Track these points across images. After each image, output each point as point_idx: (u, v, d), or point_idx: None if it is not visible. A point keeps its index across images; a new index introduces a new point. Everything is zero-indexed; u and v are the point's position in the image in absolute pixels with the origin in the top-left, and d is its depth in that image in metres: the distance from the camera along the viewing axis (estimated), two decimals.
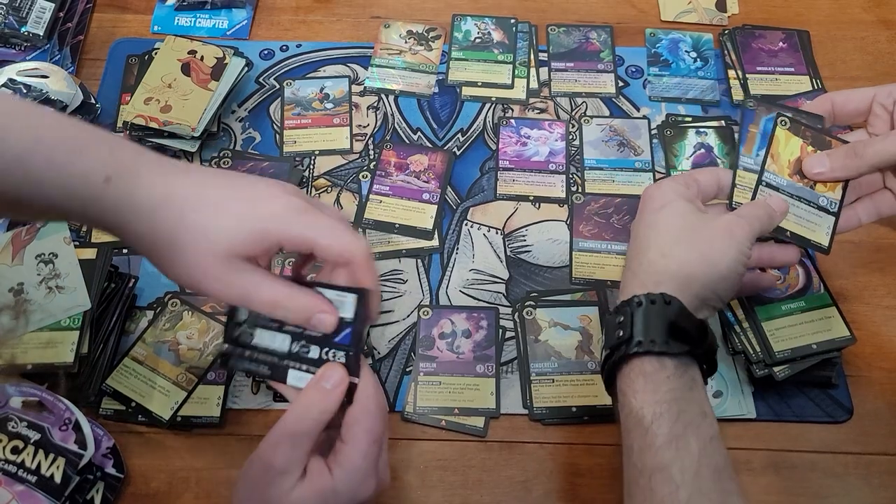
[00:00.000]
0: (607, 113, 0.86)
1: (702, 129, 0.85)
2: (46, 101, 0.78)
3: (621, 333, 0.54)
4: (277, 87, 0.88)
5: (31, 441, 0.62)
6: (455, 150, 0.84)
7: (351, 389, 0.50)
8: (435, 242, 0.78)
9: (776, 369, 0.67)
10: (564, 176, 0.82)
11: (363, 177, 0.82)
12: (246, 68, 0.85)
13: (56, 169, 0.47)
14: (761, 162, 0.60)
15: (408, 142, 0.84)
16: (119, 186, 0.47)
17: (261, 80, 0.88)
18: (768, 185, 0.60)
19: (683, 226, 0.57)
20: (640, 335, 0.53)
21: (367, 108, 0.87)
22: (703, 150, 0.83)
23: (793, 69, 0.89)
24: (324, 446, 0.50)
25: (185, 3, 0.93)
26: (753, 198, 0.59)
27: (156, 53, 0.85)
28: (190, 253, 0.48)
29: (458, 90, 0.88)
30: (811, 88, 0.87)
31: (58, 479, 0.61)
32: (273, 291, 0.49)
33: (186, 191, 0.48)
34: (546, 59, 0.90)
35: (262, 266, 0.50)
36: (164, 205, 0.48)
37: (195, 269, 0.48)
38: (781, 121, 0.61)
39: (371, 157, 0.83)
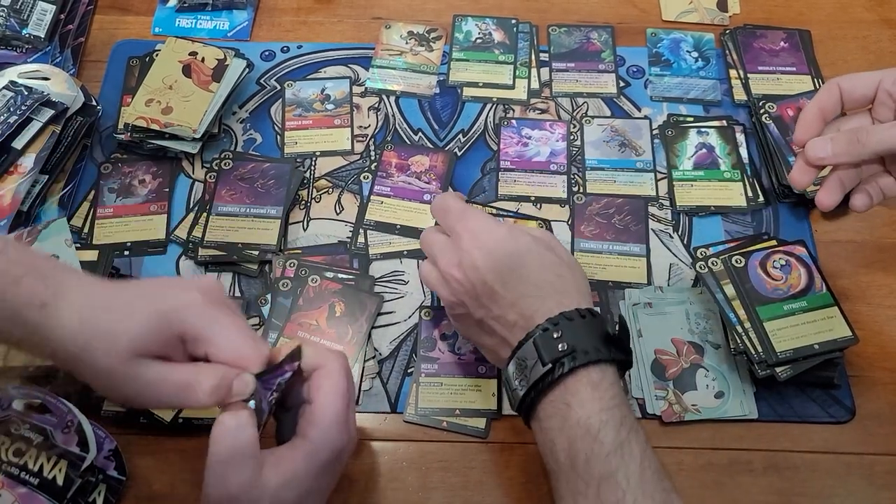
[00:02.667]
0: (608, 113, 0.86)
1: (703, 129, 0.84)
2: (47, 103, 0.78)
3: (564, 347, 0.55)
4: (278, 88, 0.88)
5: (34, 443, 0.63)
6: (456, 150, 0.84)
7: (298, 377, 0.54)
8: None
9: (778, 370, 0.67)
10: (566, 176, 0.82)
11: (364, 178, 0.82)
12: (247, 69, 0.85)
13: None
14: None
15: (409, 143, 0.84)
16: (52, 309, 0.51)
17: (262, 81, 0.88)
18: None
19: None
20: (584, 346, 0.54)
21: (368, 109, 0.87)
22: (704, 150, 0.83)
23: (794, 69, 0.88)
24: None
25: (186, 5, 0.93)
26: None
27: (157, 55, 0.86)
28: (100, 358, 0.50)
29: (459, 91, 0.88)
30: (813, 88, 0.87)
31: (60, 481, 0.61)
32: (180, 374, 0.51)
33: (101, 301, 0.52)
34: (547, 59, 0.90)
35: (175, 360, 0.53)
36: (82, 322, 0.51)
37: (106, 375, 0.51)
38: None
39: (372, 158, 0.83)
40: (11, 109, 0.76)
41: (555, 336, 0.55)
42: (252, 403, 0.51)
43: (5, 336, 0.53)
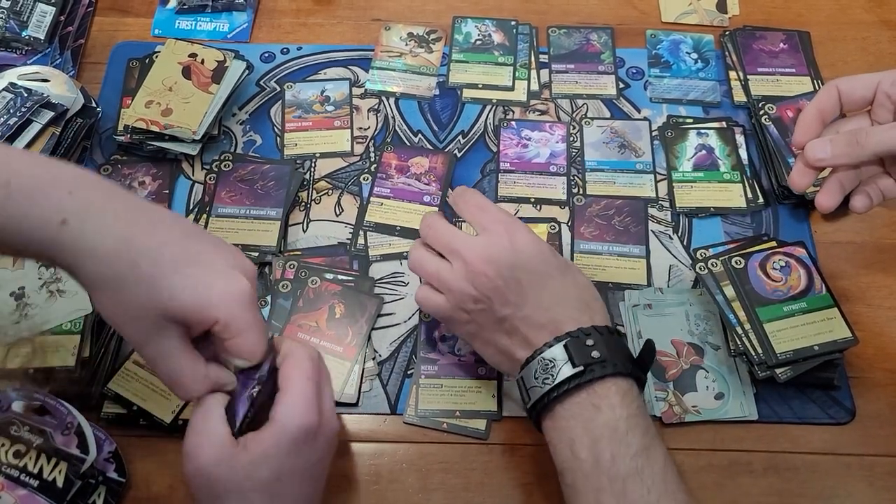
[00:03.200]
0: (608, 114, 0.86)
1: (703, 131, 0.84)
2: (47, 104, 0.78)
3: (597, 355, 0.57)
4: (278, 89, 0.88)
5: (34, 445, 0.62)
6: (456, 152, 0.84)
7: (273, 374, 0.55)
8: None
9: (778, 371, 0.67)
10: (565, 178, 0.82)
11: (364, 179, 0.82)
12: (247, 71, 0.85)
13: (12, 213, 0.48)
14: None
15: (408, 144, 0.84)
16: (75, 229, 0.48)
17: (261, 82, 0.88)
18: None
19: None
20: (614, 358, 0.57)
21: (368, 110, 0.87)
22: (704, 152, 0.83)
23: (794, 70, 0.89)
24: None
25: (185, 7, 0.93)
26: None
27: (156, 57, 0.86)
28: (130, 300, 0.49)
29: (458, 92, 0.88)
30: (812, 89, 0.87)
31: (60, 483, 0.61)
32: (182, 367, 0.52)
33: (145, 244, 0.49)
34: (547, 60, 0.90)
35: (189, 337, 0.52)
36: (118, 252, 0.48)
37: (126, 315, 0.50)
38: None
39: (372, 159, 0.83)
40: (11, 111, 0.76)
41: (587, 343, 0.57)
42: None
43: (15, 249, 0.50)
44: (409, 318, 0.74)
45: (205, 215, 0.78)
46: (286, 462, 0.52)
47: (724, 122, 0.85)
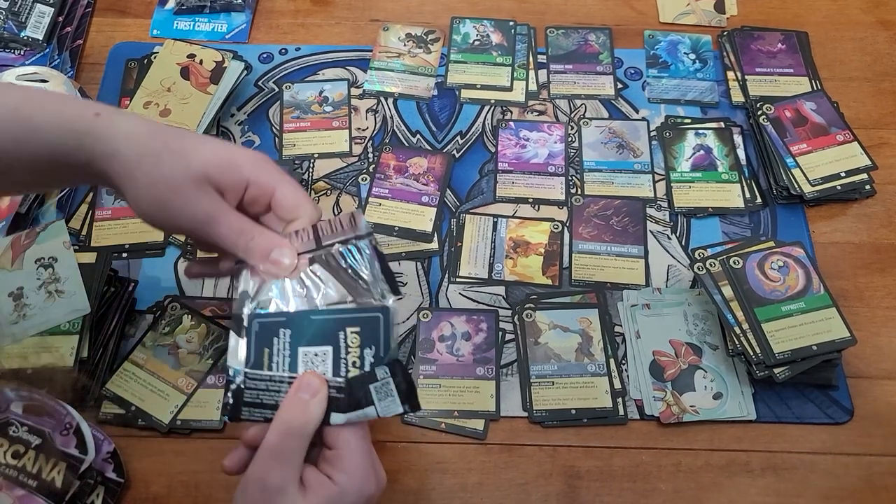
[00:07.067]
0: (606, 115, 0.86)
1: (701, 131, 0.85)
2: None
3: None
4: (276, 90, 0.88)
5: (32, 445, 0.62)
6: (454, 152, 0.84)
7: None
8: (434, 245, 0.78)
9: (776, 371, 0.67)
10: (564, 178, 0.82)
11: (362, 180, 0.82)
12: (245, 72, 0.85)
13: (49, 112, 0.51)
14: None
15: (407, 144, 0.84)
16: (108, 119, 0.51)
17: (260, 83, 0.88)
18: None
19: None
20: None
21: (366, 110, 0.87)
22: (702, 152, 0.83)
23: (792, 70, 0.89)
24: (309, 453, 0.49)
25: (184, 7, 0.93)
26: None
27: (155, 57, 0.86)
28: (167, 169, 0.50)
29: (457, 93, 0.88)
30: (810, 89, 0.87)
31: (58, 483, 0.61)
32: (240, 219, 0.52)
33: (170, 129, 0.53)
34: (545, 61, 0.90)
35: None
36: (152, 133, 0.52)
37: (167, 186, 0.50)
38: None
39: (370, 159, 0.83)
40: None
41: None
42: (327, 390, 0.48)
43: (52, 150, 0.52)
44: (408, 319, 0.74)
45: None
46: None
47: (722, 123, 0.85)
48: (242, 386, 0.49)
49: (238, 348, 0.50)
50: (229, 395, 0.50)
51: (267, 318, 0.50)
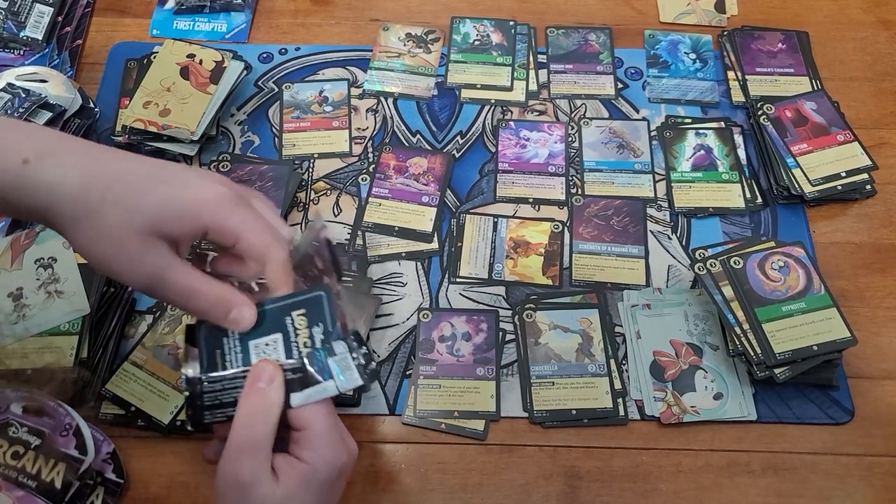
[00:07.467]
0: (607, 115, 0.86)
1: (701, 131, 0.84)
2: (45, 105, 0.78)
3: None
4: (276, 90, 0.88)
5: (32, 446, 0.62)
6: (454, 152, 0.84)
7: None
8: (434, 245, 0.78)
9: (777, 371, 0.67)
10: (564, 178, 0.82)
11: (362, 180, 0.82)
12: (245, 72, 0.85)
13: None
14: None
15: (407, 144, 0.84)
16: (39, 167, 0.47)
17: (259, 83, 0.88)
18: None
19: None
20: None
21: (366, 110, 0.87)
22: (702, 152, 0.83)
23: (792, 70, 0.89)
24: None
25: (183, 7, 0.93)
26: None
27: (154, 57, 0.85)
28: (109, 226, 0.46)
29: (457, 92, 0.88)
30: (811, 89, 0.87)
31: (58, 484, 0.61)
32: (189, 278, 0.48)
33: (113, 170, 0.48)
34: (545, 60, 0.90)
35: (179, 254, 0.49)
36: (88, 182, 0.47)
37: (109, 244, 0.47)
38: None
39: (370, 159, 0.83)
40: (9, 112, 0.76)
41: None
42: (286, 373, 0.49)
43: None
44: (408, 319, 0.74)
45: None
46: (318, 499, 0.49)
47: (722, 123, 0.85)
48: (199, 390, 0.50)
49: (189, 357, 0.51)
50: (187, 404, 0.50)
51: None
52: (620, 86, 0.88)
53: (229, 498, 0.48)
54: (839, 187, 0.79)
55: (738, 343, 0.68)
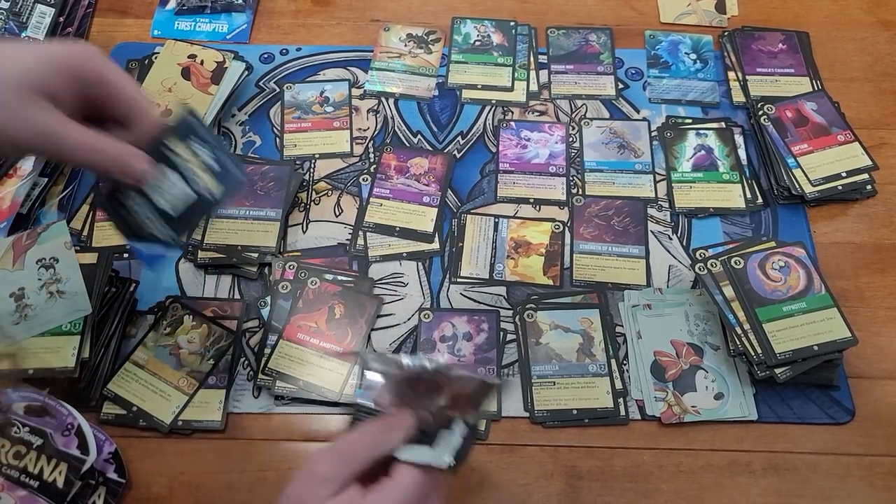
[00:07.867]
0: (607, 115, 0.86)
1: (702, 131, 0.85)
2: None
3: None
4: (277, 90, 0.88)
5: (34, 446, 0.62)
6: (455, 152, 0.84)
7: None
8: (435, 245, 0.78)
9: (777, 371, 0.67)
10: (565, 178, 0.82)
11: (363, 180, 0.82)
12: (246, 72, 0.85)
13: None
14: None
15: (408, 145, 0.84)
16: None
17: (261, 83, 0.88)
18: None
19: None
20: None
21: (368, 111, 0.87)
22: (703, 152, 0.83)
23: (793, 70, 0.89)
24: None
25: (184, 8, 0.93)
26: None
27: (156, 58, 0.86)
28: None
29: (458, 93, 0.88)
30: (811, 89, 0.87)
31: (60, 484, 0.61)
32: (87, 136, 0.48)
33: None
34: (546, 61, 0.90)
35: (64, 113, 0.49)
36: None
37: None
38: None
39: (371, 160, 0.83)
40: None
41: None
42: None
43: None
44: (409, 319, 0.74)
45: (204, 216, 0.78)
46: None
47: (723, 123, 0.85)
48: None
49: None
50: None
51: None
52: (621, 86, 0.89)
53: (295, 482, 0.48)
54: (840, 187, 0.79)
55: (738, 343, 0.68)
